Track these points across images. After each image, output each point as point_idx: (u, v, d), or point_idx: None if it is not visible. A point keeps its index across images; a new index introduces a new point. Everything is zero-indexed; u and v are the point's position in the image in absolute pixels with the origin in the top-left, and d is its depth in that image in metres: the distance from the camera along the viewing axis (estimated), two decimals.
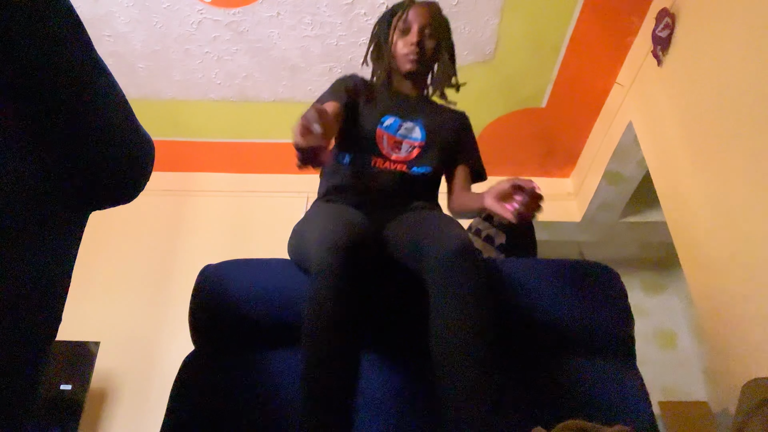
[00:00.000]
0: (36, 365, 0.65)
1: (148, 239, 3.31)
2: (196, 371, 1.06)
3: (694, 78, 1.98)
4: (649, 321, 3.96)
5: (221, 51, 2.60)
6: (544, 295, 1.08)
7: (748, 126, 1.68)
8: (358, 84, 1.39)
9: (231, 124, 3.12)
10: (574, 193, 3.43)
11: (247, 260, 1.16)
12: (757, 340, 1.65)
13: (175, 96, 2.89)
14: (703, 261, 1.97)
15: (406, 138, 1.34)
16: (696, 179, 1.99)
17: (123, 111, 0.72)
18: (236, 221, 3.37)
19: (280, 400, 0.99)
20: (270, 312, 1.05)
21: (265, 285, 1.08)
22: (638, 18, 2.38)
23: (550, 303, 1.07)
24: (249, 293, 1.07)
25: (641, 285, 4.14)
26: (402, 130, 1.35)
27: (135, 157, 0.76)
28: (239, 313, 1.06)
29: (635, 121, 2.54)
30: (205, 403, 1.01)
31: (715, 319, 1.91)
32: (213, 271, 1.13)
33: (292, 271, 1.10)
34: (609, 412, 0.98)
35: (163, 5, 2.36)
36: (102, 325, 2.89)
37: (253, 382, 1.02)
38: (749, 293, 1.69)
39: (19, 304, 0.62)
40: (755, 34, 1.64)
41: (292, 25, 2.44)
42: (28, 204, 0.63)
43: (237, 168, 3.51)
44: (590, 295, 1.09)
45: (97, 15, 2.39)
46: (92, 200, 0.75)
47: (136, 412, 2.79)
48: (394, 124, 1.35)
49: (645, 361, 1.76)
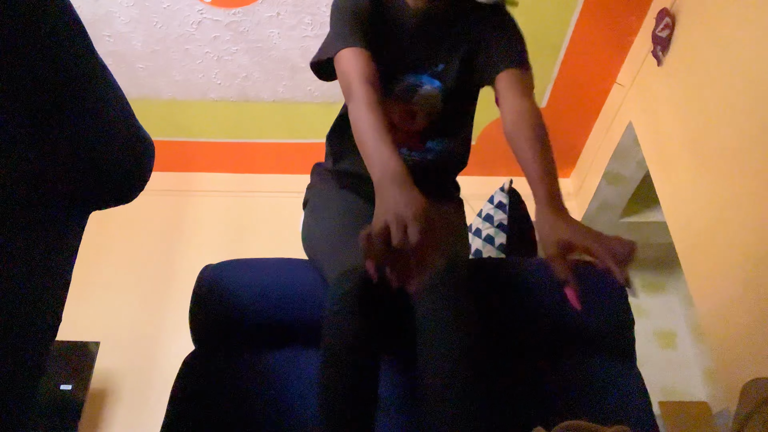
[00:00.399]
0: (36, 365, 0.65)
1: (149, 239, 3.31)
2: (196, 371, 1.06)
3: (694, 78, 1.98)
4: (649, 321, 3.96)
5: (221, 51, 2.60)
6: (544, 295, 1.08)
7: (748, 126, 1.68)
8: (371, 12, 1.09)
9: (231, 124, 3.12)
10: (574, 193, 3.43)
11: (247, 260, 1.16)
12: (757, 340, 1.65)
13: (175, 96, 2.89)
14: (703, 261, 1.97)
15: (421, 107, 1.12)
16: (696, 179, 1.99)
17: (123, 111, 0.72)
18: (236, 221, 3.37)
19: (281, 400, 0.99)
20: (270, 312, 1.05)
21: (265, 285, 1.08)
22: (638, 18, 2.38)
23: (550, 303, 1.07)
24: (249, 293, 1.07)
25: (641, 285, 4.14)
26: (418, 95, 1.11)
27: (135, 157, 0.76)
28: (239, 313, 1.06)
29: (635, 121, 2.54)
30: (205, 403, 1.01)
31: (715, 319, 1.91)
32: (213, 271, 1.13)
33: (292, 270, 1.10)
34: (609, 412, 0.98)
35: (163, 5, 2.36)
36: (102, 325, 2.89)
37: (253, 382, 1.02)
38: (749, 293, 1.69)
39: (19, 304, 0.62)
40: (755, 34, 1.65)
41: (292, 25, 2.44)
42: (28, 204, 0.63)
43: (237, 168, 3.51)
44: (590, 295, 1.09)
45: (97, 15, 2.39)
46: (92, 200, 0.75)
47: (136, 412, 2.79)
48: (415, 83, 1.12)
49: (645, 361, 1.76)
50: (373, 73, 0.99)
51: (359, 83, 0.96)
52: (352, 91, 0.96)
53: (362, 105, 0.92)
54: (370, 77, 0.98)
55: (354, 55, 1.00)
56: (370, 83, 0.96)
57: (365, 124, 0.90)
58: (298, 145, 3.27)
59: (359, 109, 0.93)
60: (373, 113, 0.91)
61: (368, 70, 0.98)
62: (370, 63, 1.01)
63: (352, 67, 0.99)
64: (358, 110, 0.93)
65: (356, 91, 0.95)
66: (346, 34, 1.04)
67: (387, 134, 0.88)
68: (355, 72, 0.98)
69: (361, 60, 1.00)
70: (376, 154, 0.84)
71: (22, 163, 0.61)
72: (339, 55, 1.02)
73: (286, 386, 1.00)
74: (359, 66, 0.98)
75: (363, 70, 0.98)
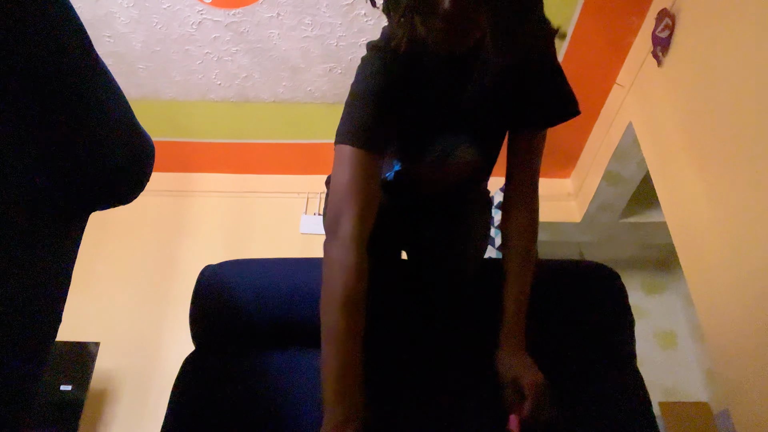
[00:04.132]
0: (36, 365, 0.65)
1: (149, 239, 3.31)
2: (196, 371, 1.06)
3: (694, 79, 1.98)
4: (649, 321, 3.96)
5: (221, 52, 2.60)
6: (543, 295, 1.08)
7: (748, 126, 1.68)
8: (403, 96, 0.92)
9: (231, 125, 3.13)
10: (574, 194, 3.43)
11: (247, 260, 1.16)
12: (757, 340, 1.65)
13: (176, 96, 2.90)
14: (703, 261, 1.97)
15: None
16: (696, 179, 1.99)
17: (123, 111, 0.72)
18: (236, 221, 3.37)
19: (281, 400, 0.99)
20: (270, 312, 1.05)
21: (265, 285, 1.08)
22: (638, 18, 2.38)
23: (550, 303, 1.07)
24: (249, 293, 1.07)
25: (641, 285, 4.14)
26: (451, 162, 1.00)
27: (135, 157, 0.76)
28: (239, 314, 1.06)
29: (635, 122, 2.54)
30: (206, 403, 1.01)
31: (715, 319, 1.91)
32: (213, 272, 1.13)
33: (292, 271, 1.10)
34: (609, 413, 0.98)
35: (163, 6, 2.36)
36: (102, 325, 2.89)
37: (253, 382, 1.02)
38: (749, 293, 1.69)
39: (19, 305, 0.62)
40: (755, 34, 1.65)
41: (292, 25, 2.44)
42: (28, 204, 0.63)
43: (237, 168, 3.51)
44: (590, 295, 1.09)
45: (97, 16, 2.39)
46: (92, 200, 0.75)
47: (136, 412, 2.79)
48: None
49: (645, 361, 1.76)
50: (374, 191, 0.87)
51: (349, 225, 0.83)
52: (339, 224, 0.84)
53: (339, 293, 0.80)
54: (367, 204, 0.85)
55: (359, 160, 0.86)
56: (359, 242, 0.82)
57: (333, 341, 0.79)
58: (298, 146, 3.27)
59: (332, 300, 0.81)
60: (348, 317, 0.79)
61: (367, 197, 0.85)
62: (375, 175, 0.89)
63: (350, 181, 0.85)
64: (331, 298, 0.81)
65: (340, 242, 0.83)
66: (360, 126, 0.88)
67: (356, 362, 0.78)
68: (352, 191, 0.84)
69: (365, 169, 0.86)
70: (335, 389, 0.76)
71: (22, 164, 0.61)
72: (340, 149, 0.88)
73: (286, 386, 1.00)
74: (359, 183, 0.85)
75: (362, 192, 0.84)
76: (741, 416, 1.75)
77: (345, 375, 0.77)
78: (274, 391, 1.00)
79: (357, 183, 0.85)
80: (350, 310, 0.79)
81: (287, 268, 1.11)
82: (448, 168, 0.99)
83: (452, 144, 0.98)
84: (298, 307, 1.04)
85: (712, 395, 3.61)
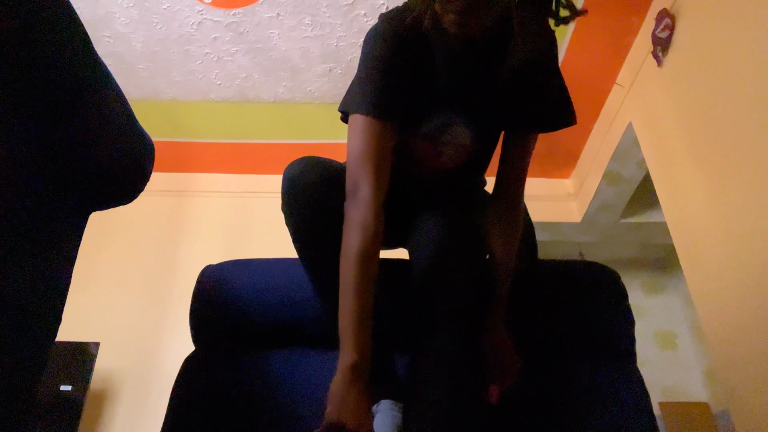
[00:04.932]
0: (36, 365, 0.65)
1: (149, 239, 3.31)
2: (196, 371, 1.06)
3: (694, 79, 1.98)
4: (649, 321, 3.96)
5: (221, 52, 2.60)
6: (543, 295, 1.08)
7: (748, 126, 1.68)
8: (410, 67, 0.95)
9: (231, 125, 3.12)
10: (574, 194, 3.43)
11: (247, 260, 1.16)
12: (757, 340, 1.65)
13: (176, 97, 2.90)
14: (703, 261, 1.97)
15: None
16: (696, 179, 1.99)
17: (123, 112, 0.72)
18: (236, 222, 3.37)
19: (281, 400, 0.99)
20: (270, 312, 1.05)
21: (265, 285, 1.08)
22: (638, 18, 2.38)
23: (550, 303, 1.07)
24: (249, 293, 1.07)
25: (641, 285, 4.14)
26: (447, 135, 1.03)
27: (135, 157, 0.76)
28: (239, 314, 1.06)
29: (635, 122, 2.54)
30: (206, 403, 1.01)
31: (715, 319, 1.91)
32: (213, 272, 1.13)
33: (292, 271, 1.10)
34: (609, 413, 0.99)
35: (163, 6, 2.36)
36: (102, 325, 2.89)
37: (253, 383, 1.02)
38: (749, 293, 1.69)
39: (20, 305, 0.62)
40: (755, 34, 1.65)
41: (292, 26, 2.44)
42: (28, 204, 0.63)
43: (237, 169, 3.51)
44: (590, 296, 1.10)
45: (97, 16, 2.39)
46: (92, 200, 0.75)
47: (136, 413, 2.79)
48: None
49: (645, 361, 1.76)
50: (387, 157, 0.92)
51: (367, 188, 0.89)
52: (358, 187, 0.89)
53: (356, 249, 0.85)
54: (381, 169, 0.90)
55: (372, 128, 0.91)
56: (376, 204, 0.88)
57: (350, 291, 0.85)
58: (298, 146, 3.27)
59: (350, 255, 0.86)
60: (363, 270, 0.85)
61: (381, 162, 0.90)
62: (388, 141, 0.93)
63: (365, 149, 0.91)
64: (349, 253, 0.86)
65: (360, 204, 0.89)
66: (372, 94, 0.92)
67: (368, 311, 0.84)
68: (367, 158, 0.90)
69: (378, 137, 0.91)
70: (349, 334, 0.82)
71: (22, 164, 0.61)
72: (354, 118, 0.93)
73: (286, 386, 1.00)
74: (373, 150, 0.90)
75: (376, 159, 0.90)
76: (741, 416, 1.75)
77: (359, 322, 0.83)
78: (274, 391, 1.01)
79: (370, 150, 0.91)
80: (365, 264, 0.86)
81: (287, 268, 1.11)
82: (441, 147, 1.03)
83: (448, 122, 1.01)
84: (298, 307, 1.04)
85: (712, 395, 3.61)
